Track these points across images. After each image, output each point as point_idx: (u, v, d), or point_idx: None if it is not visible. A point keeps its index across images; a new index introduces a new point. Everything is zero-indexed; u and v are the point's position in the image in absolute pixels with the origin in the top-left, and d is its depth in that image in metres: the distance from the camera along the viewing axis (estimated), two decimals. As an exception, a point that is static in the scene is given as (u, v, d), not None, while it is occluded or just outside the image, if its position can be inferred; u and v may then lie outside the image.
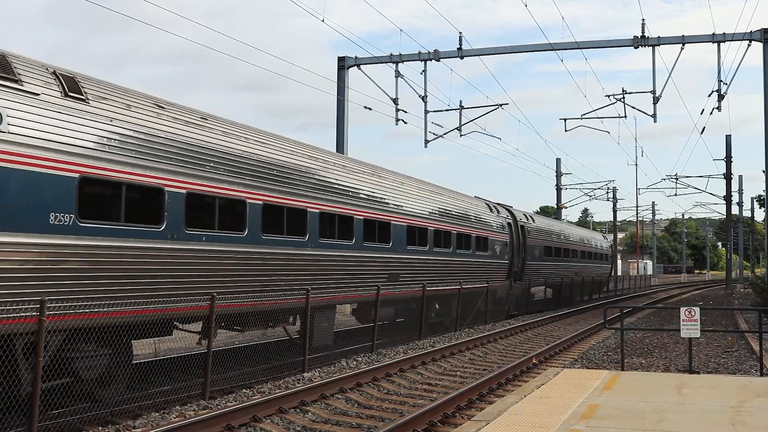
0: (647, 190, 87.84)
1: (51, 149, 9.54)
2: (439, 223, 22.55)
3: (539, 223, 35.06)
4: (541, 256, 33.96)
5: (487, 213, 27.64)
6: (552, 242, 36.18)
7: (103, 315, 10.17)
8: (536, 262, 33.16)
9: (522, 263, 31.09)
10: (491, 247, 27.32)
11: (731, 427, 7.60)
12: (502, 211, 29.90)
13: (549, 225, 37.61)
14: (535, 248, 32.79)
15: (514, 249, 30.05)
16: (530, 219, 33.56)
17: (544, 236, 34.90)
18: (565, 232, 40.26)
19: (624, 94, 33.29)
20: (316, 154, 16.60)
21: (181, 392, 11.86)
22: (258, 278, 13.57)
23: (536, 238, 33.23)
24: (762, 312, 19.40)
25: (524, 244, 31.20)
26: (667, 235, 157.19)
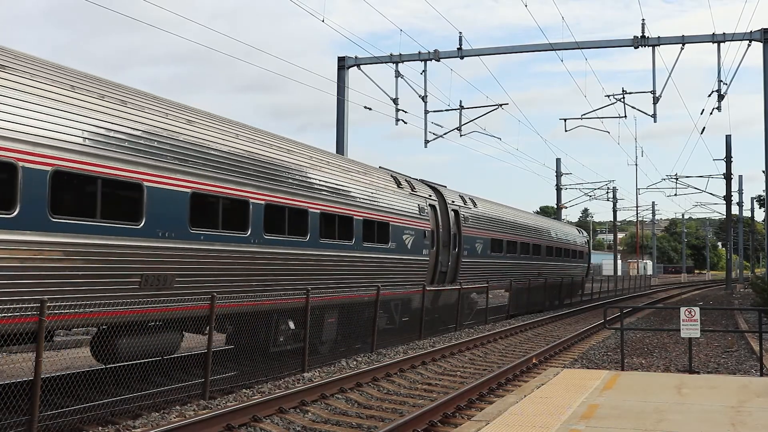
0: (647, 190, 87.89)
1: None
2: (287, 196, 14.72)
3: (483, 209, 27.74)
4: (486, 252, 27.15)
5: (390, 188, 19.98)
6: (503, 234, 29.44)
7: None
8: (477, 260, 26.24)
9: (455, 261, 24.24)
10: (396, 238, 19.60)
11: (731, 427, 7.60)
12: (421, 188, 22.46)
13: (499, 212, 30.05)
14: (476, 241, 26.01)
15: (441, 241, 22.82)
16: (470, 203, 26.26)
17: (491, 226, 28.05)
18: (523, 223, 33.12)
19: (624, 94, 33.29)
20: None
21: (181, 392, 11.86)
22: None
23: (478, 228, 26.37)
24: (762, 312, 19.40)
25: (459, 236, 24.38)
26: (667, 235, 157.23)
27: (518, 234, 31.60)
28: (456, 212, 24.47)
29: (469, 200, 26.38)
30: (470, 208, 26.07)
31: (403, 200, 20.48)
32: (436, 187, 24.01)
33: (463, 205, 25.29)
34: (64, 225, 9.68)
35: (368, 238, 18.08)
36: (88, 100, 10.43)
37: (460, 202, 25.16)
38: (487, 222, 27.64)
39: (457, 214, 24.57)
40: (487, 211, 28.32)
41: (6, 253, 8.94)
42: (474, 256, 25.87)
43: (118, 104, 11.00)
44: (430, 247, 21.91)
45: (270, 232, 14.04)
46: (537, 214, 41.09)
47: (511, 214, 32.00)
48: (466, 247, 25.08)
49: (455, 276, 24.24)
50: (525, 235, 32.63)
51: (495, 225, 28.60)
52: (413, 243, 20.72)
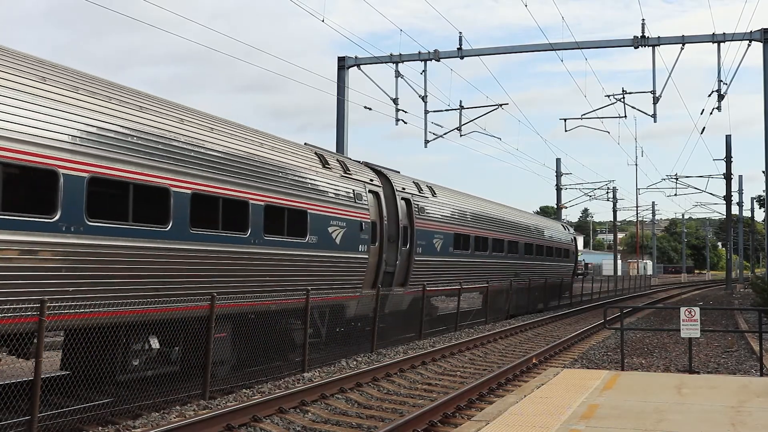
0: (647, 190, 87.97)
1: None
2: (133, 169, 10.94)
3: (445, 199, 23.89)
4: (447, 250, 23.27)
5: (310, 168, 15.81)
6: (471, 229, 25.68)
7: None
8: (436, 259, 22.39)
9: (406, 260, 20.37)
10: (318, 230, 15.63)
11: (731, 427, 7.60)
12: (359, 171, 18.37)
13: (466, 204, 26.14)
14: (434, 237, 22.22)
15: (385, 236, 18.96)
16: (427, 191, 22.46)
17: (455, 220, 24.25)
18: (497, 217, 29.12)
19: (624, 94, 33.29)
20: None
21: (181, 392, 11.86)
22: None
23: (437, 221, 22.54)
24: (762, 312, 19.40)
25: (411, 230, 20.61)
26: (667, 235, 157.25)
27: (491, 229, 27.81)
28: (408, 201, 20.58)
29: (426, 188, 22.54)
30: (427, 197, 22.21)
31: (329, 183, 16.31)
32: (383, 171, 20.02)
33: (417, 194, 21.42)
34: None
35: (273, 229, 13.93)
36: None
37: (413, 190, 21.28)
38: (450, 214, 23.80)
39: (410, 204, 20.64)
40: (450, 201, 24.45)
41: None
42: (431, 253, 21.99)
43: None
44: (369, 243, 17.80)
45: (98, 217, 10.20)
46: (526, 211, 37.29)
47: (482, 206, 28.07)
48: (421, 243, 21.07)
49: (406, 277, 20.32)
50: (500, 230, 28.87)
51: (460, 218, 24.80)
52: (344, 237, 16.62)
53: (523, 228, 32.45)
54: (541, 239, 35.18)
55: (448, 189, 25.54)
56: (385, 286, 19.12)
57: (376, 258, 18.54)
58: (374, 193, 18.76)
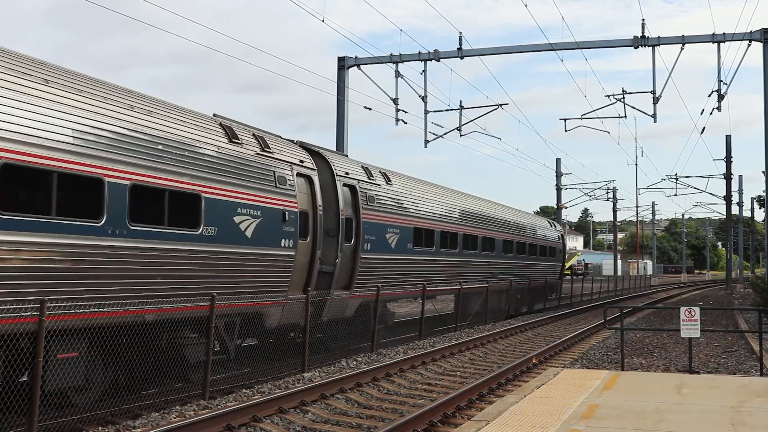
0: (647, 190, 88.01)
1: None
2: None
3: (402, 188, 20.67)
4: (405, 247, 20.13)
5: (210, 141, 12.70)
6: (435, 223, 22.43)
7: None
8: (389, 257, 19.21)
9: (351, 257, 17.35)
10: (219, 219, 12.54)
11: (731, 427, 7.60)
12: (283, 149, 15.15)
13: (428, 193, 22.93)
14: (387, 231, 19.10)
15: (320, 229, 15.71)
16: (379, 178, 19.26)
17: (415, 212, 21.04)
18: (469, 210, 25.95)
19: (624, 94, 33.29)
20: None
21: (181, 392, 11.86)
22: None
23: (392, 212, 19.40)
24: (762, 312, 19.40)
25: (358, 222, 17.56)
26: (667, 235, 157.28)
27: (462, 224, 24.74)
28: (353, 189, 17.52)
29: (379, 174, 19.40)
30: (379, 184, 19.03)
31: (238, 162, 13.22)
32: (321, 152, 16.93)
33: (366, 180, 18.23)
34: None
35: (145, 216, 11.04)
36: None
37: (360, 175, 18.11)
38: (409, 205, 20.64)
39: (355, 192, 17.55)
40: (410, 190, 21.21)
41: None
42: (384, 250, 18.87)
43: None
44: (296, 237, 14.69)
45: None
46: (506, 205, 33.21)
47: (450, 197, 25.08)
48: (370, 239, 17.96)
49: (351, 279, 17.40)
50: (473, 225, 25.80)
51: (423, 210, 21.69)
52: (259, 229, 13.53)
53: (502, 223, 29.43)
54: (524, 236, 32.27)
55: (408, 177, 22.39)
56: (323, 288, 16.16)
57: (307, 256, 15.27)
58: (306, 177, 15.51)
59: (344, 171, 17.45)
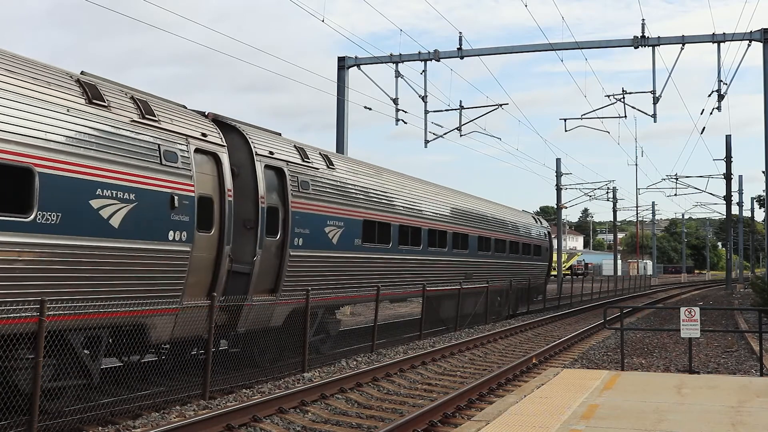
0: (647, 190, 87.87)
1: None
2: None
3: (346, 173, 17.58)
4: (350, 243, 17.25)
5: (59, 99, 10.02)
6: (391, 215, 19.41)
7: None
8: (330, 254, 16.37)
9: (277, 255, 14.57)
10: (62, 204, 9.78)
11: (731, 427, 7.60)
12: (182, 118, 12.56)
13: (384, 181, 19.84)
14: (327, 223, 16.21)
15: (228, 219, 12.92)
16: (318, 161, 16.36)
17: (364, 201, 18.01)
18: (433, 200, 22.91)
19: (624, 94, 33.30)
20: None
21: (181, 392, 11.86)
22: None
23: (332, 202, 16.47)
24: (762, 312, 19.40)
25: (286, 213, 14.75)
26: (667, 235, 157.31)
27: (427, 217, 21.83)
28: (279, 172, 14.71)
29: (318, 156, 16.51)
30: (317, 168, 16.10)
31: (97, 129, 10.47)
32: (236, 126, 14.21)
33: (298, 162, 15.38)
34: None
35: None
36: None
37: (291, 156, 15.25)
38: (357, 194, 17.67)
39: (283, 176, 14.76)
40: (358, 177, 18.10)
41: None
42: (321, 246, 15.94)
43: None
44: (194, 228, 11.98)
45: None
46: (484, 199, 30.05)
47: (412, 186, 21.87)
48: (303, 232, 15.17)
49: (277, 280, 14.54)
50: (440, 219, 22.91)
51: (376, 200, 18.59)
52: (132, 217, 10.84)
53: (478, 218, 26.39)
54: (504, 233, 29.38)
55: (358, 161, 19.55)
56: (238, 293, 13.30)
57: (211, 252, 12.57)
58: (210, 155, 12.77)
59: (268, 150, 14.41)
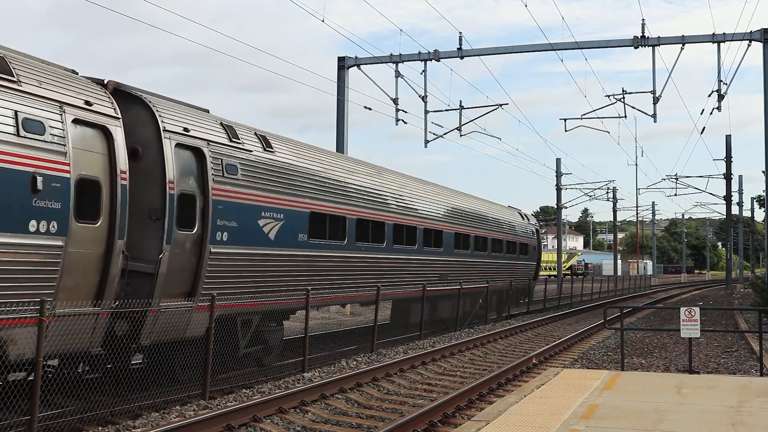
0: (647, 190, 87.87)
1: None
2: None
3: (288, 156, 15.19)
4: (293, 238, 14.88)
5: None
6: (345, 208, 17.09)
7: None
8: (264, 252, 13.98)
9: (194, 252, 12.28)
10: None
11: (731, 427, 7.60)
12: (35, 73, 9.97)
13: (336, 167, 17.30)
14: (261, 215, 13.88)
15: (120, 208, 10.73)
16: (250, 141, 14.08)
17: (310, 189, 15.57)
18: (403, 193, 20.63)
19: (624, 94, 33.32)
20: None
21: (181, 392, 11.86)
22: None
23: (268, 190, 14.12)
24: (762, 312, 19.40)
25: (206, 201, 12.45)
26: (667, 235, 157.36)
27: (392, 210, 19.43)
28: (198, 153, 12.41)
29: (252, 137, 14.19)
30: (250, 150, 13.79)
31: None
32: (142, 97, 11.92)
33: (224, 143, 13.07)
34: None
35: None
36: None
37: (213, 135, 12.90)
38: (301, 182, 15.25)
39: (203, 158, 12.45)
40: (304, 161, 15.69)
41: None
42: (254, 242, 13.66)
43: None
44: (68, 216, 9.89)
45: None
46: (462, 192, 27.39)
47: (374, 175, 19.39)
48: (229, 225, 12.88)
49: (195, 282, 12.19)
50: (410, 213, 20.58)
51: (327, 189, 16.25)
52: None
53: (454, 213, 24.11)
54: (486, 230, 27.02)
55: (305, 144, 16.81)
56: (140, 296, 11.00)
57: (99, 247, 10.46)
58: (98, 128, 10.63)
59: (181, 127, 12.08)
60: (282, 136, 15.93)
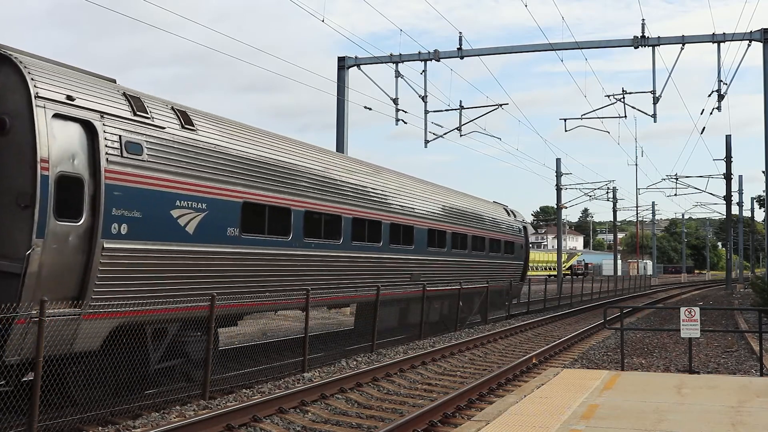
0: (647, 190, 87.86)
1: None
2: None
3: (210, 135, 12.80)
4: (221, 233, 12.66)
5: None
6: (292, 198, 14.64)
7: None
8: (179, 249, 11.68)
9: (84, 251, 10.13)
10: None
11: (731, 427, 7.60)
12: None
13: (277, 149, 14.74)
14: (173, 205, 11.65)
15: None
16: (163, 115, 11.88)
17: (241, 175, 13.23)
18: (366, 183, 18.21)
19: (624, 94, 33.29)
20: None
21: (181, 392, 11.86)
22: None
23: (182, 174, 11.80)
24: (762, 312, 19.40)
25: (97, 186, 10.31)
26: (667, 235, 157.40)
27: (348, 203, 16.92)
28: (89, 126, 10.38)
29: (167, 112, 12.04)
30: (160, 127, 11.60)
31: None
32: (9, 56, 9.85)
33: (124, 116, 10.99)
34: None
35: None
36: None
37: (111, 106, 10.81)
38: (230, 165, 12.88)
39: (94, 134, 10.43)
40: (235, 141, 13.32)
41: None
42: (165, 237, 11.41)
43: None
44: None
45: None
46: (438, 185, 24.90)
47: (331, 161, 17.01)
48: (128, 216, 10.78)
49: (83, 283, 10.14)
50: (374, 207, 18.19)
51: (264, 176, 13.82)
52: None
53: (430, 208, 22.02)
54: (467, 226, 24.84)
55: (237, 123, 14.21)
56: (3, 300, 9.01)
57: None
58: None
59: (63, 94, 10.05)
60: (212, 114, 13.45)
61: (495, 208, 29.76)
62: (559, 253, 55.94)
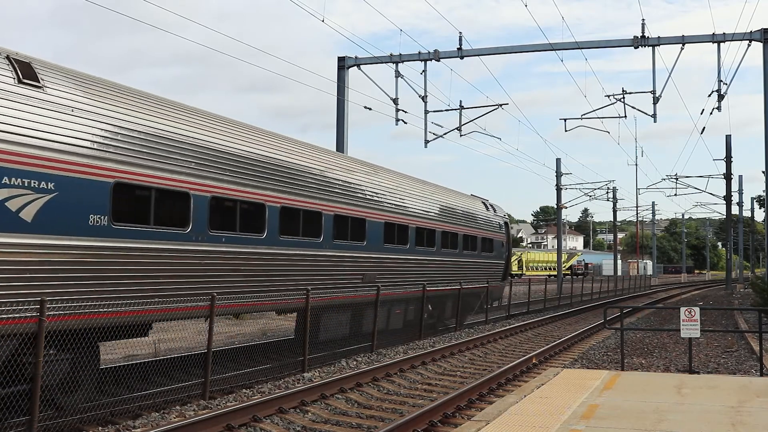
0: (647, 190, 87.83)
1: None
2: None
3: (71, 93, 9.90)
4: (78, 223, 9.70)
5: None
6: (186, 179, 11.65)
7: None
8: (22, 241, 8.94)
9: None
10: None
11: (731, 427, 7.60)
12: None
13: (183, 119, 12.05)
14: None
15: None
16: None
17: (116, 146, 10.34)
18: (310, 168, 15.58)
19: (624, 94, 33.28)
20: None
21: (181, 392, 11.87)
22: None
23: (21, 142, 9.01)
24: (762, 312, 19.39)
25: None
26: (667, 235, 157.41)
27: (277, 189, 14.11)
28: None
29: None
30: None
31: None
32: None
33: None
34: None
35: None
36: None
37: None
38: (100, 135, 10.22)
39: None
40: (102, 100, 10.49)
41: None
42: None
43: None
44: None
45: None
46: (406, 174, 22.29)
47: (242, 134, 13.71)
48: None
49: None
50: (311, 195, 15.40)
51: (148, 149, 10.99)
52: None
53: (389, 199, 19.37)
54: (436, 221, 22.37)
55: (110, 81, 11.25)
56: None
57: None
58: None
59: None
60: (73, 69, 10.61)
61: (472, 202, 26.92)
62: (559, 253, 55.95)
